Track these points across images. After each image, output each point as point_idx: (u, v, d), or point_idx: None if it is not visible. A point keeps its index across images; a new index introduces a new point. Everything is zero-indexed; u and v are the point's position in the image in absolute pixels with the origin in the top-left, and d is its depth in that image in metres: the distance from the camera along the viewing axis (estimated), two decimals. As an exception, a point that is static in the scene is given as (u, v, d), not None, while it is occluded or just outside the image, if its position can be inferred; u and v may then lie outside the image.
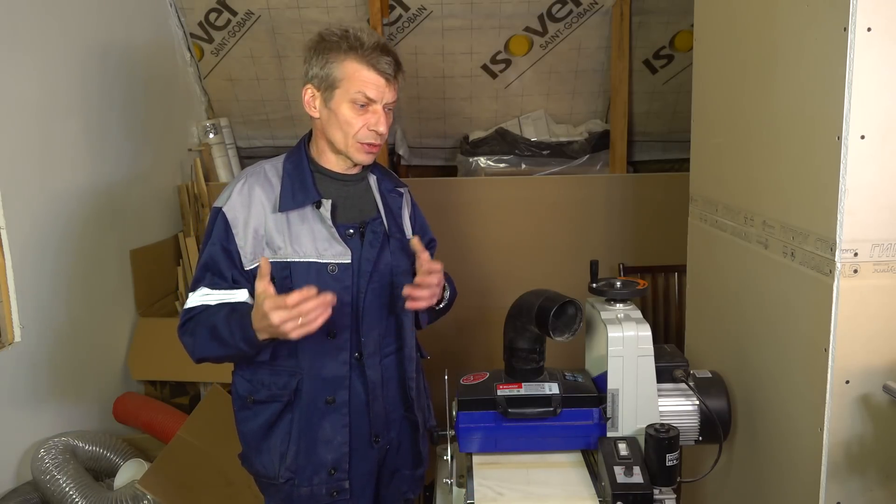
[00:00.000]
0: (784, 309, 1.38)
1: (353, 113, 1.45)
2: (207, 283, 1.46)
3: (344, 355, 1.49)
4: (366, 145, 1.48)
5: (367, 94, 1.44)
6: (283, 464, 1.51)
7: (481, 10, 2.77)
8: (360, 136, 1.47)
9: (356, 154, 1.49)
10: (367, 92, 1.44)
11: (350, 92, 1.44)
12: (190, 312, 1.46)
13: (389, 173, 1.69)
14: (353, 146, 1.48)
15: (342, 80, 1.44)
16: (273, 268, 1.45)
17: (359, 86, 1.44)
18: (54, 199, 2.17)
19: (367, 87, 1.44)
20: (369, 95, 1.44)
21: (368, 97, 1.44)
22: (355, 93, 1.44)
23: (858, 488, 1.25)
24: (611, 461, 1.26)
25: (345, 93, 1.44)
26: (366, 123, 1.46)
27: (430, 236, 1.74)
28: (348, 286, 1.48)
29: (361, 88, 1.44)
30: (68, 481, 1.97)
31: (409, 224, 1.66)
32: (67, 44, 2.25)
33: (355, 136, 1.47)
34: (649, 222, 2.90)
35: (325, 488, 1.52)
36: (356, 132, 1.46)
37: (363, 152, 1.49)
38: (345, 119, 1.46)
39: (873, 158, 1.16)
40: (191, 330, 1.45)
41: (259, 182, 1.50)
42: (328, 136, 1.50)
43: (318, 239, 1.47)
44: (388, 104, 1.48)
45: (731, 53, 1.62)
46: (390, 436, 1.59)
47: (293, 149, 1.58)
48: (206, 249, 1.48)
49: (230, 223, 1.46)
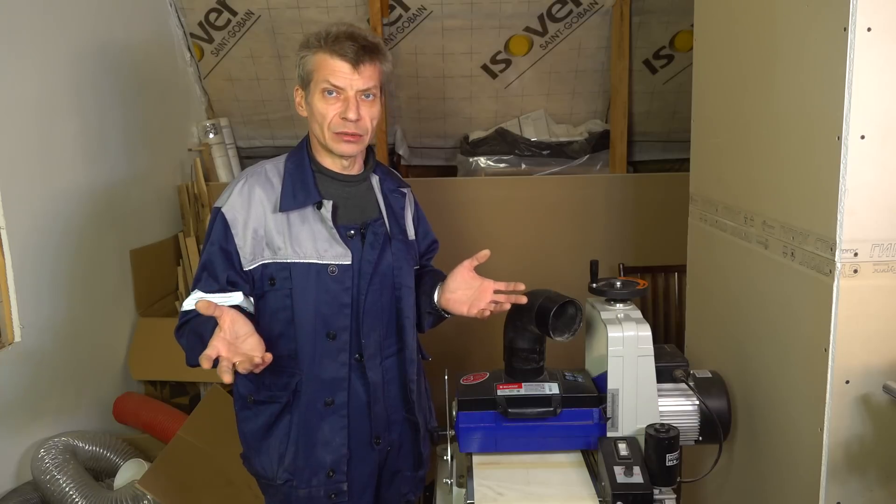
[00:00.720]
0: (784, 309, 1.38)
1: (324, 103, 1.46)
2: (202, 286, 1.46)
3: (343, 357, 1.49)
4: (342, 135, 1.47)
5: (332, 80, 1.44)
6: (281, 465, 1.51)
7: (481, 10, 2.77)
8: (333, 126, 1.46)
9: (334, 145, 1.48)
10: (331, 79, 1.44)
11: (319, 82, 1.45)
12: (185, 315, 1.46)
13: (392, 173, 1.69)
14: (330, 137, 1.48)
15: (313, 73, 1.46)
16: (273, 268, 1.46)
17: (324, 73, 1.44)
18: (54, 199, 2.17)
19: (332, 74, 1.44)
20: (334, 82, 1.44)
21: (334, 84, 1.44)
22: (323, 81, 1.45)
23: (858, 488, 1.25)
24: (611, 461, 1.26)
25: (316, 84, 1.46)
26: (336, 112, 1.45)
27: (433, 238, 1.74)
28: (348, 287, 1.47)
29: (327, 76, 1.44)
30: (68, 481, 1.97)
31: (412, 225, 1.65)
32: (67, 44, 2.25)
33: (329, 126, 1.46)
34: (649, 222, 2.90)
35: (324, 490, 1.51)
36: (329, 122, 1.46)
37: (341, 142, 1.48)
38: (318, 111, 1.46)
39: (873, 158, 1.16)
40: (185, 334, 1.45)
41: (259, 182, 1.50)
42: (314, 132, 1.51)
43: (318, 240, 1.46)
44: (360, 91, 1.45)
45: (731, 53, 1.62)
46: (391, 437, 1.59)
47: (295, 149, 1.57)
48: (205, 250, 1.48)
49: (229, 223, 1.46)
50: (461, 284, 1.53)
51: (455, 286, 1.54)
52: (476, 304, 1.50)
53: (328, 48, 1.44)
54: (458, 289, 1.53)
